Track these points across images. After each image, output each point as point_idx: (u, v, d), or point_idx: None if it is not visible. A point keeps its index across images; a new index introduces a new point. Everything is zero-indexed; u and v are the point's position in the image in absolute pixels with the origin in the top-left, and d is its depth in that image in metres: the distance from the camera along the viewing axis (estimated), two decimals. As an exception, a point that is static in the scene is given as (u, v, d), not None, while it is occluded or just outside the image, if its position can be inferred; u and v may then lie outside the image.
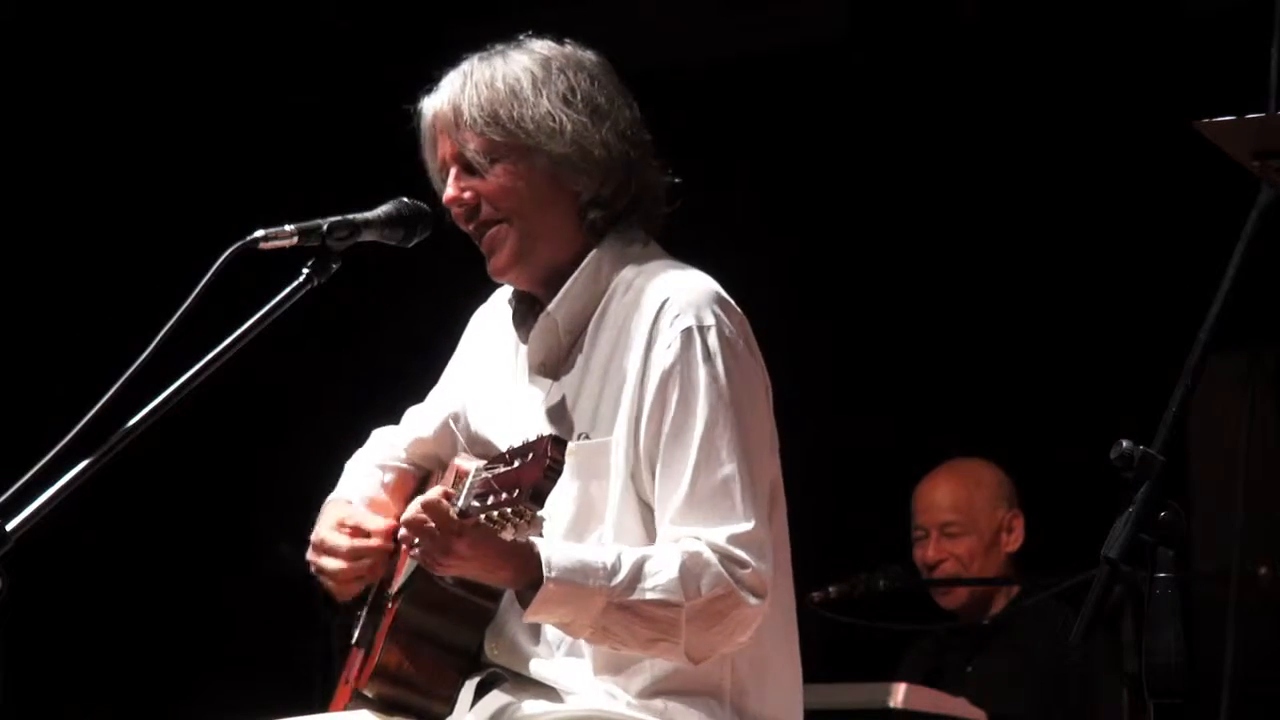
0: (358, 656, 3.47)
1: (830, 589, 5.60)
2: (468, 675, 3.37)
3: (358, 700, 3.40)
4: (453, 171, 3.38)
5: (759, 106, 6.81)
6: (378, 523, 3.45)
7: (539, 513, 3.01)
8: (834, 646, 5.40)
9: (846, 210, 6.70)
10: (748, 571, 3.20)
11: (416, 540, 3.13)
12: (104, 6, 6.91)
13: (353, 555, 3.42)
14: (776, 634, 3.37)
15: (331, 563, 3.43)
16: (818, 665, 3.77)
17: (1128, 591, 4.84)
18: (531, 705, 3.31)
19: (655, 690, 3.27)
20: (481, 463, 3.14)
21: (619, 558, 3.17)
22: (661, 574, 3.16)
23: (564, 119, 3.33)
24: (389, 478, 3.59)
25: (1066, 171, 6.58)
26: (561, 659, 3.33)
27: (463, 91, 3.36)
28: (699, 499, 3.22)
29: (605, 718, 3.27)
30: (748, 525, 3.21)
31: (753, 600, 3.20)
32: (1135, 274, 6.27)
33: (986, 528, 5.93)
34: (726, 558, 3.19)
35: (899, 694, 5.22)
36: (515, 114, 3.33)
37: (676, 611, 3.17)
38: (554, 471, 3.00)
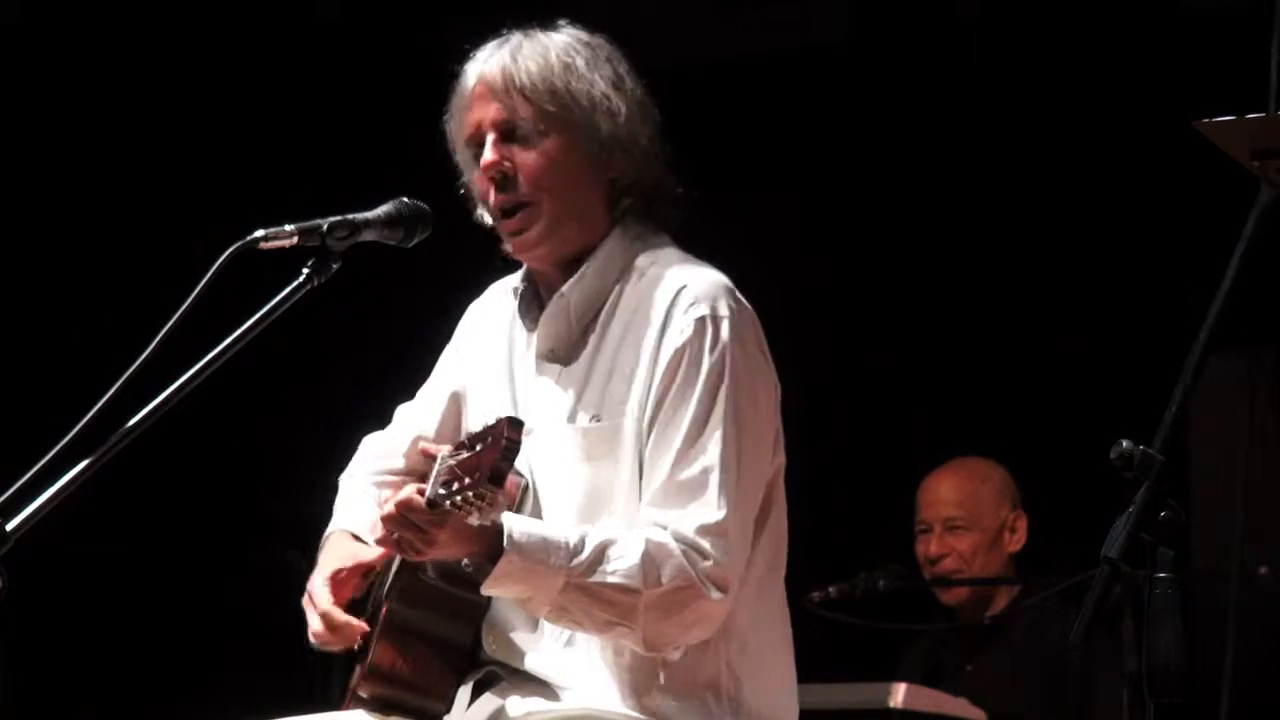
0: (357, 665, 3.47)
1: (830, 589, 5.59)
2: (464, 673, 3.37)
3: (355, 702, 3.39)
4: (491, 138, 3.36)
5: (759, 106, 6.81)
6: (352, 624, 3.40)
7: (500, 495, 3.03)
8: (834, 646, 5.40)
9: (846, 210, 6.70)
10: (709, 564, 3.19)
11: (394, 535, 3.14)
12: (104, 6, 6.91)
13: (325, 621, 3.37)
14: (771, 631, 3.37)
15: (313, 619, 3.40)
16: (818, 665, 3.76)
17: (1128, 591, 4.85)
18: (528, 704, 3.31)
19: (651, 686, 3.27)
20: (447, 450, 3.15)
21: (583, 539, 3.17)
22: (624, 559, 3.17)
23: (618, 101, 3.34)
24: (386, 494, 3.58)
25: (1066, 171, 6.58)
26: (558, 653, 3.33)
27: (514, 60, 3.34)
28: (676, 485, 3.22)
29: (601, 716, 3.27)
30: (718, 516, 3.21)
31: (714, 594, 3.20)
32: (1135, 274, 6.27)
33: (990, 525, 5.93)
34: (691, 548, 3.19)
35: (899, 694, 5.22)
36: (572, 87, 3.32)
37: (635, 598, 3.17)
38: (511, 452, 3.02)
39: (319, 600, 3.39)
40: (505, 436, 3.02)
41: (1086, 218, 6.51)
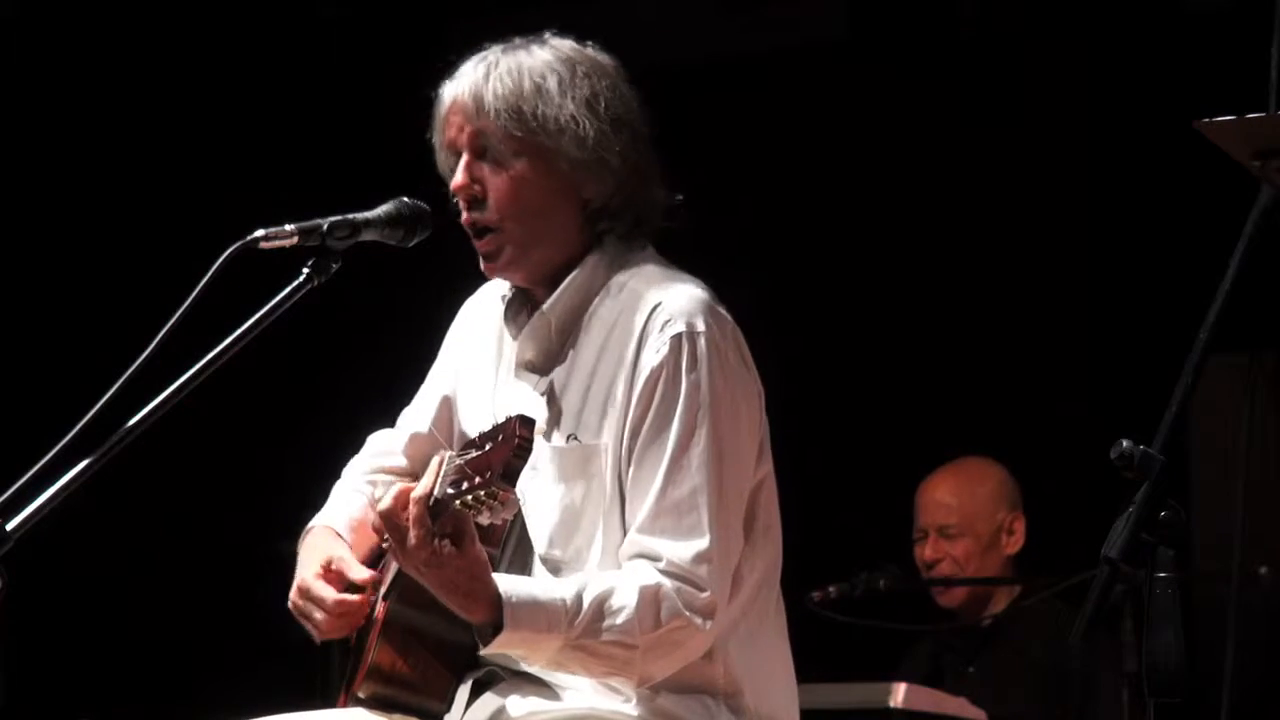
0: (354, 664, 3.47)
1: (830, 589, 5.59)
2: (463, 672, 3.37)
3: (354, 702, 3.39)
4: (464, 158, 3.36)
5: (759, 106, 6.81)
6: (362, 573, 3.40)
7: (511, 493, 3.02)
8: (834, 646, 5.40)
9: (846, 210, 6.70)
10: (705, 596, 3.20)
11: (386, 539, 3.14)
12: (104, 6, 6.91)
13: (338, 610, 3.38)
14: (770, 632, 3.38)
15: (317, 614, 3.39)
16: (818, 665, 3.76)
17: (1128, 591, 4.85)
18: (527, 704, 3.31)
19: (650, 687, 3.27)
20: (454, 450, 3.15)
21: (579, 595, 3.17)
22: (621, 613, 3.17)
23: (587, 124, 3.31)
24: (378, 493, 3.58)
25: (1066, 171, 6.58)
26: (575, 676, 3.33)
27: (486, 80, 3.33)
28: (665, 509, 3.22)
29: (601, 716, 3.27)
30: (708, 544, 3.21)
31: (706, 626, 3.21)
32: (1135, 274, 6.27)
33: (985, 530, 5.92)
34: (685, 582, 3.19)
35: (899, 694, 5.22)
36: (540, 112, 3.31)
37: (632, 652, 3.18)
38: (524, 450, 3.01)
39: (322, 593, 3.39)
40: (518, 434, 3.01)
41: (1087, 218, 6.51)
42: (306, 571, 3.42)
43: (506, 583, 3.16)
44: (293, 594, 3.43)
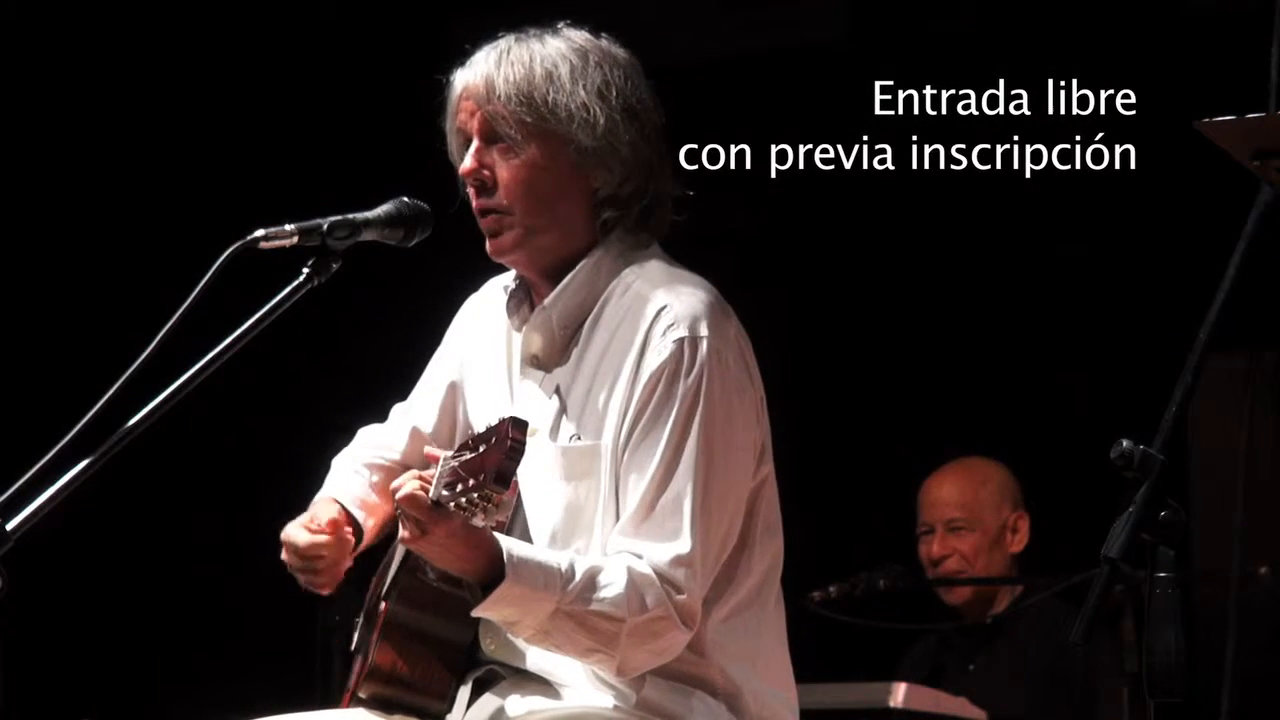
0: (356, 664, 3.47)
1: (830, 588, 5.59)
2: (464, 672, 3.37)
3: (355, 702, 3.40)
4: (475, 144, 3.37)
5: (759, 106, 6.81)
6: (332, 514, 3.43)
7: (505, 495, 3.04)
8: (834, 646, 5.40)
9: (846, 208, 6.70)
10: (683, 598, 3.21)
11: (401, 513, 3.14)
12: (104, 6, 6.91)
13: (310, 550, 3.39)
14: (769, 631, 3.38)
15: (293, 559, 3.40)
16: (818, 665, 3.76)
17: (1128, 591, 4.86)
18: (528, 703, 3.32)
19: (650, 686, 3.28)
20: (449, 451, 3.16)
21: (572, 565, 3.18)
22: (610, 587, 3.18)
23: (598, 112, 3.32)
24: (377, 478, 3.59)
25: (1065, 170, 6.57)
26: (558, 652, 3.33)
27: (498, 67, 3.34)
28: (649, 513, 3.23)
29: (601, 716, 3.28)
30: (689, 548, 3.21)
31: (685, 629, 3.23)
32: (1135, 274, 6.27)
33: (992, 525, 5.92)
34: (667, 581, 3.21)
35: (899, 694, 5.22)
36: (550, 98, 3.31)
37: (618, 626, 3.18)
38: (516, 452, 3.02)
39: (294, 536, 3.40)
40: (510, 437, 3.02)
41: (1087, 217, 6.51)
42: (290, 524, 3.43)
43: (508, 540, 3.18)
44: (283, 554, 3.43)
